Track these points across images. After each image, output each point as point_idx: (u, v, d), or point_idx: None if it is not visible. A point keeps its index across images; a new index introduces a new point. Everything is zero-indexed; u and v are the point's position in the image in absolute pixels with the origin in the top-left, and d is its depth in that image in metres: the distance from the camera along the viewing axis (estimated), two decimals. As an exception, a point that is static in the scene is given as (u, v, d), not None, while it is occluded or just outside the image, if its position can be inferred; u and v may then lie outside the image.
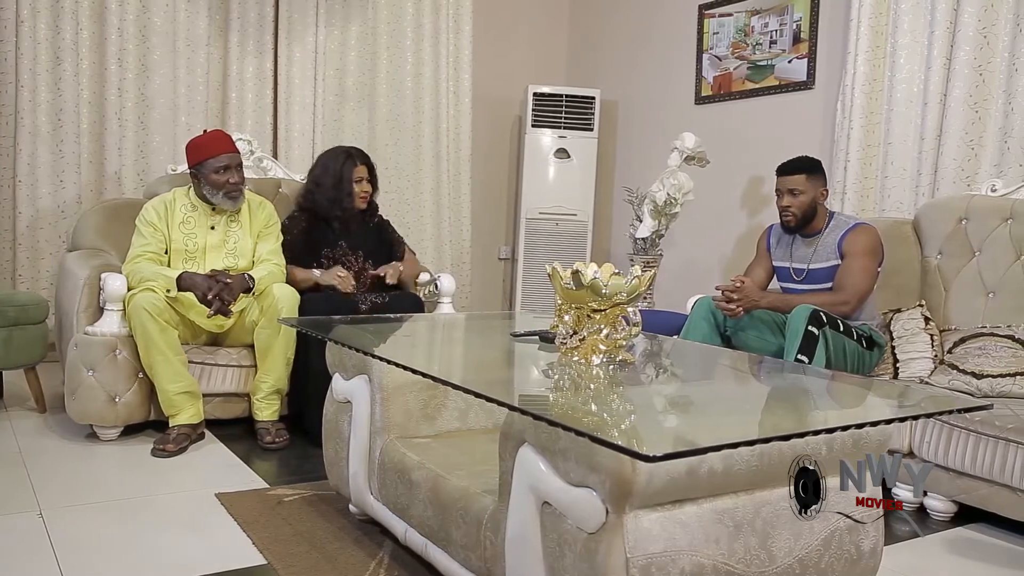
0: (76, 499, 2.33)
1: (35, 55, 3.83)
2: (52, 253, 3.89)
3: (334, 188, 3.29)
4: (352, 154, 3.36)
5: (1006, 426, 2.24)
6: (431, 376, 1.61)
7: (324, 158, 3.39)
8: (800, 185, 2.98)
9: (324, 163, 3.36)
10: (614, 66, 5.11)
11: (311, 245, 3.31)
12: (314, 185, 3.35)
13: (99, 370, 2.81)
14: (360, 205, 3.34)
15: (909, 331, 2.86)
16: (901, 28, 3.43)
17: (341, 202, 3.29)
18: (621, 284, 1.69)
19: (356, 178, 3.32)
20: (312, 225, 3.34)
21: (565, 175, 4.88)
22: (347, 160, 3.32)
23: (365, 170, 3.36)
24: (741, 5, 4.29)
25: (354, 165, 3.32)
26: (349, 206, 3.31)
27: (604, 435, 1.16)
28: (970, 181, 3.22)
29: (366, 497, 2.06)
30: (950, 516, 2.42)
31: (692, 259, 4.54)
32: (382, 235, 3.51)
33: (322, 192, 3.30)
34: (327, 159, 3.37)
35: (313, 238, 3.32)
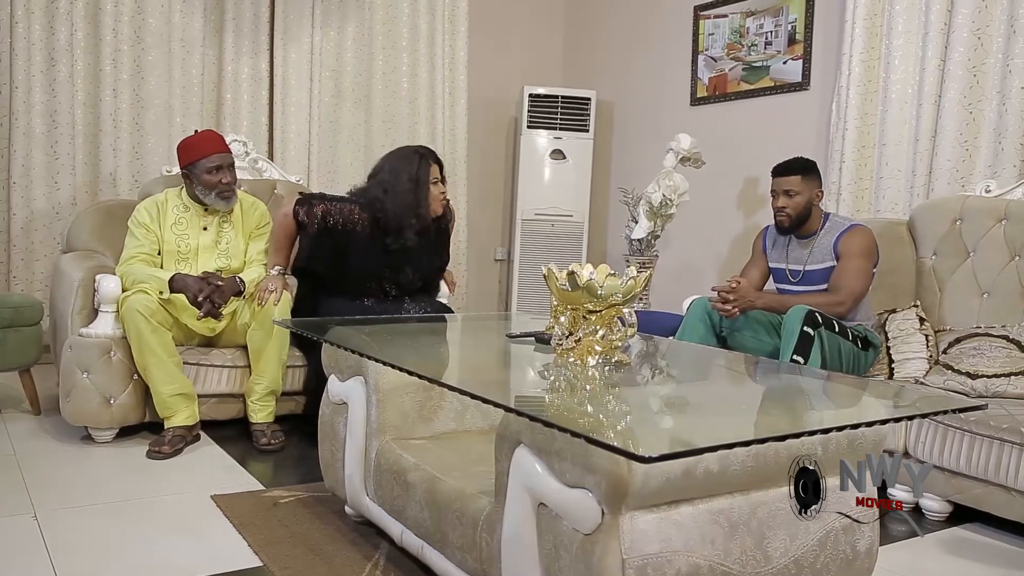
0: (71, 501, 2.32)
1: (30, 56, 3.82)
2: (47, 255, 3.88)
3: (411, 193, 2.96)
4: (424, 154, 3.05)
5: (1000, 426, 2.25)
6: (427, 377, 1.61)
7: (392, 161, 3.06)
8: (795, 186, 2.98)
9: (393, 166, 3.03)
10: (609, 67, 5.12)
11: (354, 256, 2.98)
12: (381, 191, 2.98)
13: (94, 372, 2.80)
14: (438, 210, 3.05)
15: (904, 332, 2.87)
16: (895, 29, 3.43)
17: (418, 208, 2.97)
18: (617, 285, 1.69)
19: (433, 179, 3.01)
20: (369, 232, 2.98)
21: (561, 176, 4.89)
22: (421, 161, 3.01)
23: (439, 170, 3.06)
24: (736, 6, 4.29)
25: (429, 165, 3.01)
26: (426, 213, 2.99)
27: (600, 436, 1.16)
28: (964, 182, 3.23)
29: (362, 499, 2.06)
30: (945, 516, 2.43)
31: (688, 260, 4.54)
32: (439, 240, 3.20)
33: (394, 199, 2.95)
34: (396, 161, 3.04)
35: (363, 248, 2.98)
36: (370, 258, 3.00)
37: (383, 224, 2.98)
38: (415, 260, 3.07)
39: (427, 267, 3.14)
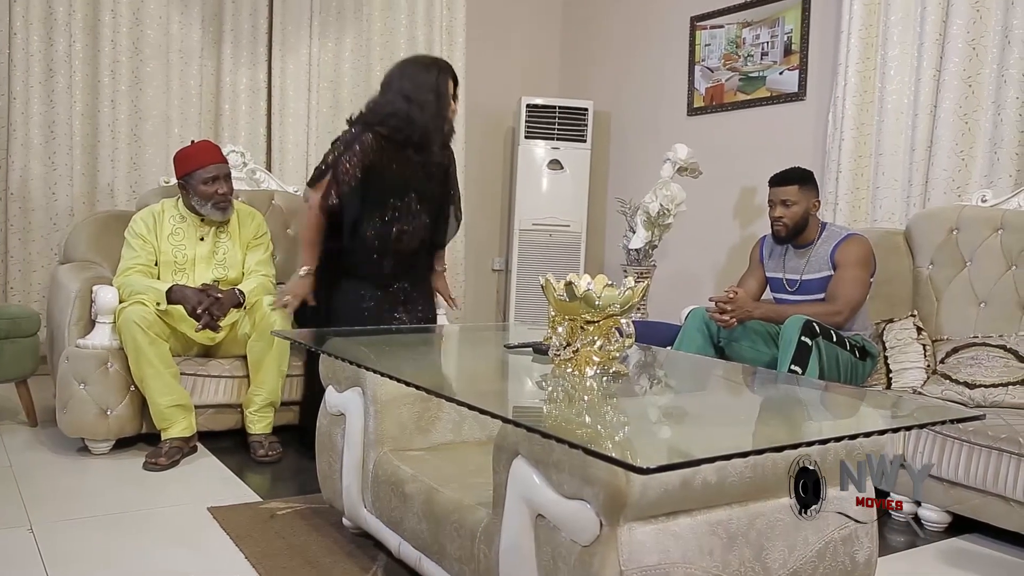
0: (67, 514, 2.31)
1: (28, 67, 3.83)
2: (44, 265, 3.88)
3: (434, 104, 2.73)
4: (443, 67, 2.82)
5: (999, 436, 2.25)
6: (424, 388, 1.61)
7: (409, 68, 2.82)
8: (792, 196, 2.99)
9: (412, 75, 2.79)
10: (607, 78, 5.13)
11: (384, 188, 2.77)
12: (404, 101, 2.74)
13: (91, 383, 2.80)
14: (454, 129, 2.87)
15: (902, 341, 2.87)
16: (891, 40, 3.45)
17: (442, 122, 2.76)
18: (614, 296, 1.69)
19: (452, 95, 2.82)
20: (381, 157, 2.76)
21: (558, 186, 4.89)
22: (441, 73, 2.79)
23: (454, 87, 2.86)
24: (732, 17, 4.31)
25: (447, 79, 2.80)
26: (450, 127, 2.80)
27: (598, 447, 1.16)
28: (961, 191, 3.24)
29: (359, 510, 2.05)
30: (944, 526, 2.42)
31: (685, 270, 4.55)
32: (446, 182, 3.02)
33: (419, 109, 2.73)
34: (414, 70, 2.81)
35: (375, 179, 2.76)
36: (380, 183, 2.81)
37: (404, 137, 2.78)
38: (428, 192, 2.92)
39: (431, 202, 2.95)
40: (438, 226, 3.08)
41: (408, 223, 2.88)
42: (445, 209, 3.08)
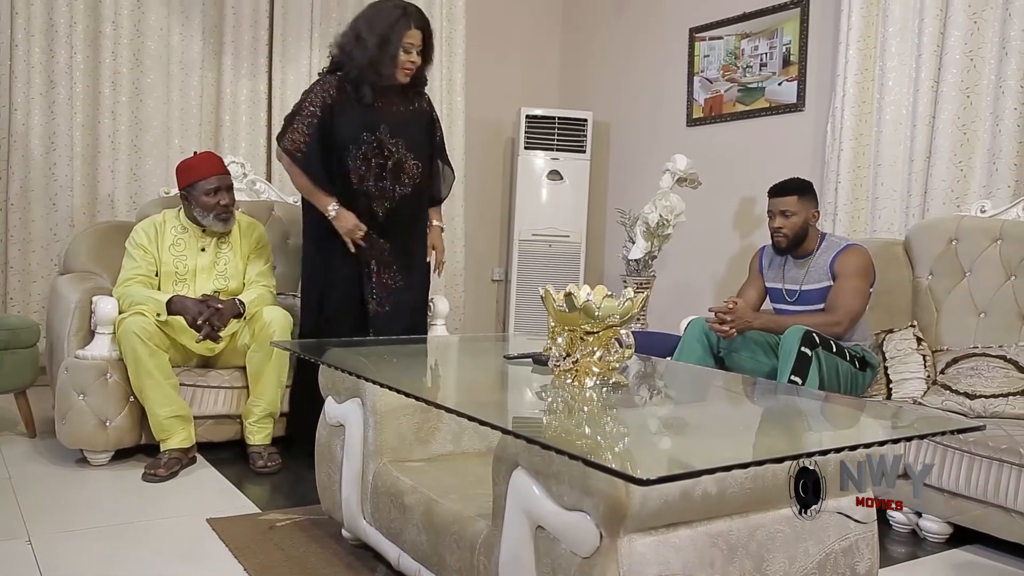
0: (66, 525, 2.31)
1: (29, 78, 3.84)
2: (44, 276, 3.88)
3: (377, 48, 2.74)
4: (408, 12, 2.79)
5: (999, 446, 2.25)
6: (424, 399, 1.61)
7: (374, 7, 2.84)
8: (792, 206, 3.00)
9: (371, 15, 2.81)
10: (606, 88, 5.15)
11: (341, 126, 2.79)
12: (354, 38, 2.78)
13: (90, 394, 2.79)
14: (402, 79, 2.82)
15: (902, 352, 2.87)
16: (889, 51, 3.47)
17: (379, 67, 2.76)
18: (614, 306, 1.69)
19: (406, 44, 2.77)
20: (341, 95, 2.81)
21: (558, 197, 4.90)
22: (401, 18, 2.76)
23: (419, 36, 2.81)
24: (731, 28, 4.33)
25: (407, 27, 2.76)
26: (389, 74, 2.77)
27: (597, 458, 1.16)
28: (959, 202, 3.24)
29: (359, 522, 2.05)
30: (945, 537, 2.41)
31: (685, 280, 4.55)
32: (432, 131, 3.01)
33: (362, 49, 2.75)
34: (376, 10, 2.82)
35: (341, 117, 2.80)
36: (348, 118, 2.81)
37: (344, 74, 2.82)
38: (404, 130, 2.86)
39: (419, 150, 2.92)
40: (433, 178, 3.07)
41: (391, 157, 2.84)
42: (435, 160, 3.07)
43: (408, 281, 3.00)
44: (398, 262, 2.97)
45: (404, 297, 2.98)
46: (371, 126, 2.82)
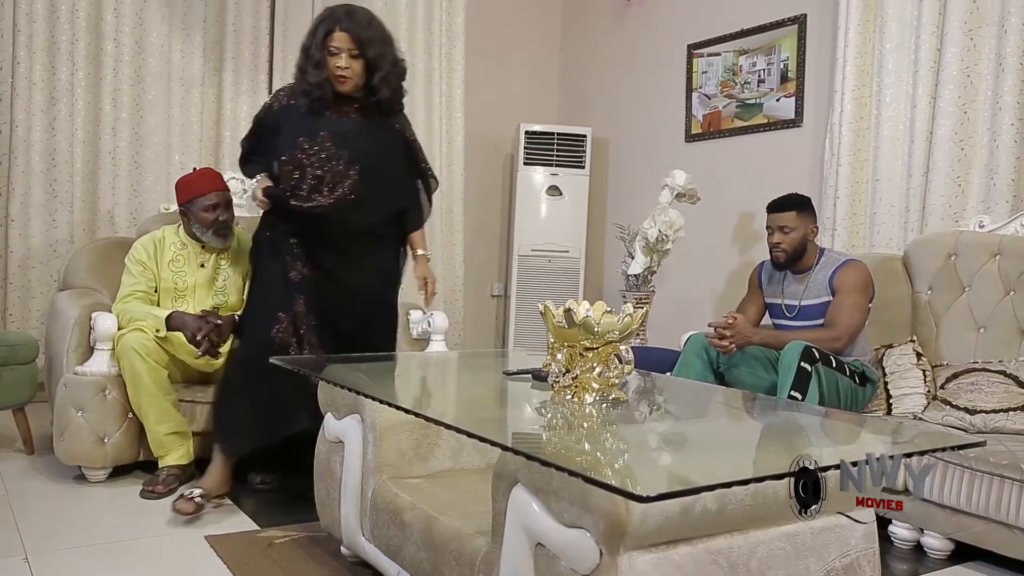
0: (63, 542, 2.29)
1: (30, 95, 3.86)
2: (43, 292, 3.88)
3: (304, 54, 2.64)
4: (336, 14, 2.61)
5: (1000, 462, 2.24)
6: (424, 416, 1.61)
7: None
8: (790, 222, 3.00)
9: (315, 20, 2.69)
10: (605, 104, 5.17)
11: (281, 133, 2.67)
12: (301, 62, 2.67)
13: (88, 410, 2.79)
14: (339, 87, 2.63)
15: (901, 367, 2.87)
16: (886, 68, 3.48)
17: (306, 75, 2.62)
18: (613, 322, 1.69)
19: (331, 47, 2.58)
20: (292, 108, 2.68)
21: (557, 212, 4.91)
22: (323, 21, 2.61)
23: (347, 40, 2.58)
24: (729, 45, 4.35)
25: (328, 29, 2.58)
26: (316, 82, 2.61)
27: (597, 475, 1.16)
28: (958, 217, 3.25)
29: (358, 539, 2.04)
30: (947, 554, 2.40)
31: (684, 295, 4.55)
32: (407, 153, 2.84)
33: (305, 73, 2.64)
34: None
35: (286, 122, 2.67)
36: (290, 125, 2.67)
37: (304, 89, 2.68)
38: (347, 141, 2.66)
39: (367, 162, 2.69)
40: (411, 203, 2.89)
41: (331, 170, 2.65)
42: (409, 186, 2.88)
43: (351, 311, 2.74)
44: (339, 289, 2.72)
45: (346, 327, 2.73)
46: (310, 133, 2.66)
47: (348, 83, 2.63)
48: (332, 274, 2.72)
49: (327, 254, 2.72)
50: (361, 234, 2.75)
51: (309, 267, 2.70)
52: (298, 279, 2.69)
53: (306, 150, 2.65)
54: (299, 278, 2.69)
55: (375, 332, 2.82)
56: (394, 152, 2.82)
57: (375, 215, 2.76)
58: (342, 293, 2.73)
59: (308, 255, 2.70)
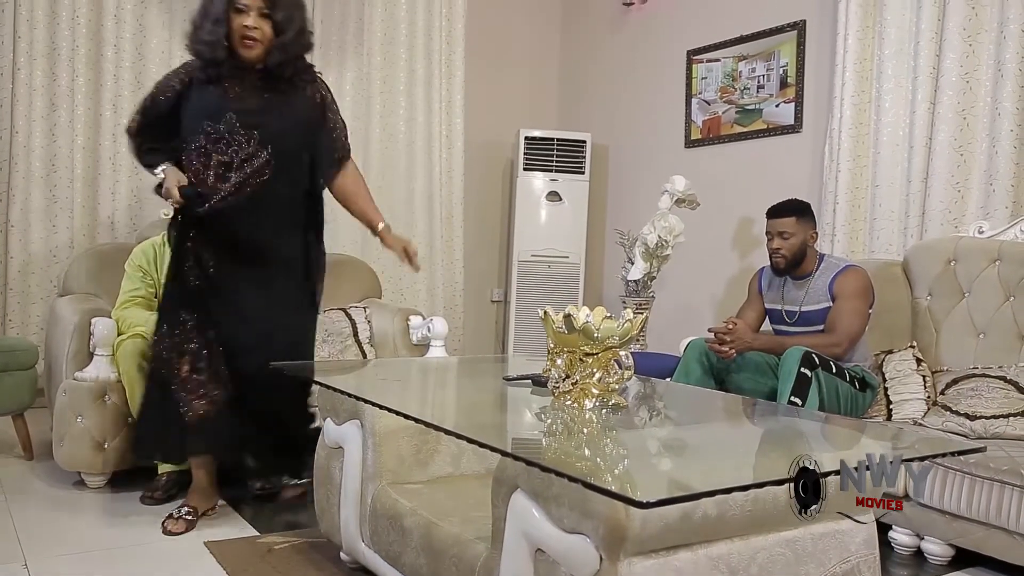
0: (62, 548, 2.29)
1: (31, 102, 3.87)
2: (43, 298, 3.88)
3: (201, 12, 2.36)
4: None
5: (1000, 468, 2.24)
6: (424, 421, 1.61)
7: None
8: (790, 227, 3.01)
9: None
10: (604, 110, 5.18)
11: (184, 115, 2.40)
12: (191, 24, 2.40)
13: (88, 416, 2.78)
14: (244, 51, 2.35)
15: (901, 372, 2.87)
16: (885, 74, 3.49)
17: (201, 34, 2.34)
18: (613, 328, 1.69)
19: (239, 4, 2.32)
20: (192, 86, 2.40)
21: (557, 218, 4.91)
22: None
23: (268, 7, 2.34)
24: (728, 51, 4.36)
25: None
26: (214, 40, 2.33)
27: (597, 481, 1.16)
28: (957, 223, 3.25)
29: (358, 544, 2.03)
30: (947, 560, 2.40)
31: (684, 301, 4.55)
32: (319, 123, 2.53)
33: (194, 33, 2.38)
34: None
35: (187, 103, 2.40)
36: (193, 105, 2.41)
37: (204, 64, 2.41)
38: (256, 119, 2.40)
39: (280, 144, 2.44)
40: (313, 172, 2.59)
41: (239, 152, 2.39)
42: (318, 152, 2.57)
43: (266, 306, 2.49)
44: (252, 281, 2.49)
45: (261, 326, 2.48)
46: (214, 115, 2.39)
47: (256, 47, 2.33)
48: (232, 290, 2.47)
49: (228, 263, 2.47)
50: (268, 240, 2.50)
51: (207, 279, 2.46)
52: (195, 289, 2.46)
53: (210, 135, 2.39)
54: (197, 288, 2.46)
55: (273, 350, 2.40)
56: (308, 128, 2.53)
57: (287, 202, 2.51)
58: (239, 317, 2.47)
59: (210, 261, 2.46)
